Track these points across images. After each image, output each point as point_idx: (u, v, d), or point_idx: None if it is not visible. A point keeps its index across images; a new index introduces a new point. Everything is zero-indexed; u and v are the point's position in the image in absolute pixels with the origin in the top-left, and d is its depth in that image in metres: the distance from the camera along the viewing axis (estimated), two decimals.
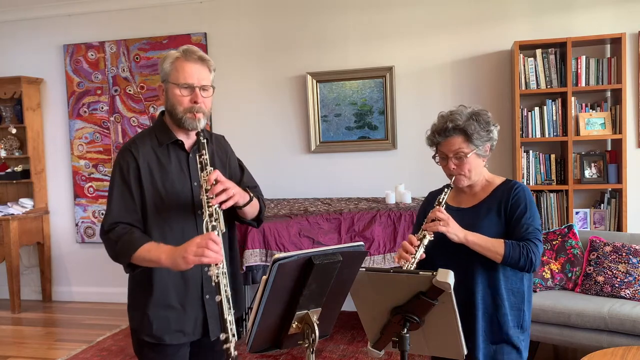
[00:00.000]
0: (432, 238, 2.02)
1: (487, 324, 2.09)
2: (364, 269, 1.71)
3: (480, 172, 2.14)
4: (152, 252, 1.88)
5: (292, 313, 1.55)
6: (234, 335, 1.78)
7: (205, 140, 1.96)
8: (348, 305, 1.79)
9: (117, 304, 5.60)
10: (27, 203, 5.78)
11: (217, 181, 1.86)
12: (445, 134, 2.08)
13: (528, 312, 2.15)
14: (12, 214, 5.56)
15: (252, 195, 2.06)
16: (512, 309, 2.09)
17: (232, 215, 2.09)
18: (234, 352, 1.76)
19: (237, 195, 1.93)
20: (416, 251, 2.00)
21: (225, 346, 1.77)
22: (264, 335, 1.57)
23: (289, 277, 1.50)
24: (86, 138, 5.77)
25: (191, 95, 1.97)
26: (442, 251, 2.09)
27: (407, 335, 1.73)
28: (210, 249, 1.77)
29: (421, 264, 2.14)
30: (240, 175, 2.21)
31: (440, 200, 2.09)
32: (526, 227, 2.04)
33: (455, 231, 2.00)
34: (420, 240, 2.02)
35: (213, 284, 1.80)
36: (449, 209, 2.11)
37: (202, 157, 1.92)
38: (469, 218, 2.09)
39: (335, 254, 1.53)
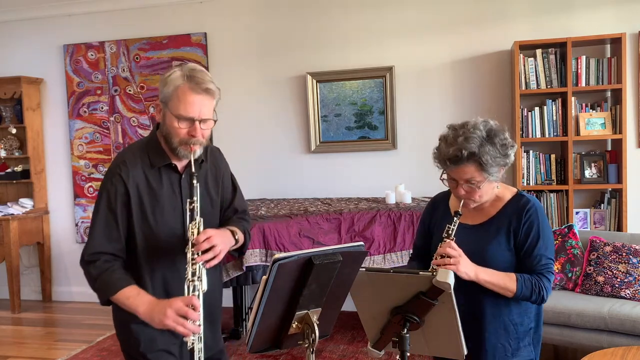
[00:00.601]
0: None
1: (501, 353, 2.00)
2: (364, 269, 1.71)
3: (491, 193, 2.00)
4: (130, 300, 1.82)
5: (292, 313, 1.55)
6: None
7: (197, 184, 1.84)
8: (348, 305, 1.79)
9: None
10: (27, 203, 5.78)
11: (205, 240, 1.80)
12: (458, 164, 1.88)
13: (539, 327, 2.07)
14: (12, 214, 5.56)
15: (237, 238, 1.98)
16: (523, 329, 2.01)
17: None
18: None
19: (223, 252, 1.86)
20: None
21: None
22: (264, 335, 1.57)
23: (289, 277, 1.50)
24: (86, 138, 5.77)
25: (189, 129, 1.84)
26: None
27: (407, 335, 1.73)
28: (188, 320, 1.73)
29: None
30: (232, 196, 2.14)
31: (450, 232, 1.91)
32: (538, 260, 1.93)
33: (467, 269, 1.87)
34: None
35: (188, 349, 1.77)
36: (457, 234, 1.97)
37: (193, 204, 1.82)
38: (477, 237, 1.99)
39: (335, 254, 1.53)
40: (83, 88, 5.74)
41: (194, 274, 1.78)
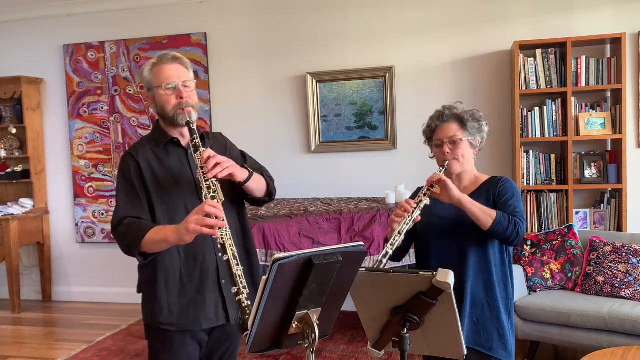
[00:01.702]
0: (429, 202, 2.14)
1: (479, 311, 2.18)
2: (364, 269, 1.71)
3: (471, 162, 2.29)
4: (160, 233, 1.94)
5: (292, 313, 1.55)
6: (244, 287, 1.81)
7: (196, 127, 2.05)
8: (348, 305, 1.79)
9: (117, 304, 5.60)
10: (27, 203, 5.78)
11: (209, 157, 1.94)
12: (443, 119, 2.26)
13: (512, 299, 2.27)
14: (12, 214, 5.56)
15: (251, 170, 2.12)
16: (501, 296, 2.21)
17: (242, 195, 2.16)
18: (246, 302, 1.78)
19: (232, 166, 1.99)
20: (413, 211, 2.11)
21: (237, 298, 1.80)
22: (264, 335, 1.57)
23: (289, 277, 1.50)
24: (86, 138, 5.77)
25: (175, 92, 2.06)
26: (437, 239, 2.23)
27: (407, 335, 1.73)
28: (208, 216, 1.82)
29: (417, 254, 2.34)
30: (242, 162, 2.25)
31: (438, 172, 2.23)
32: (513, 208, 2.18)
33: (456, 190, 2.12)
34: (417, 203, 2.14)
35: (219, 245, 1.85)
36: (440, 203, 2.18)
37: (195, 140, 2.00)
38: (460, 209, 2.16)
39: (335, 254, 1.52)
40: (83, 88, 5.74)
41: (209, 188, 1.92)
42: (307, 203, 4.75)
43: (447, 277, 1.63)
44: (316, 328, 1.55)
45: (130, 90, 5.62)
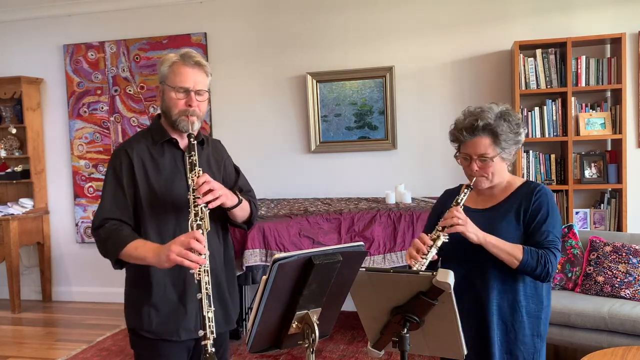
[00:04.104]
0: (447, 240, 1.94)
1: (503, 333, 2.03)
2: (364, 269, 1.70)
3: (502, 175, 2.06)
4: (139, 249, 1.91)
5: (292, 313, 1.55)
6: (212, 333, 1.80)
7: (195, 142, 2.00)
8: (348, 305, 1.79)
9: (117, 304, 5.59)
10: (27, 203, 5.77)
11: (204, 182, 1.90)
12: (474, 133, 1.97)
13: (546, 319, 2.07)
14: (12, 214, 5.56)
15: (240, 198, 2.09)
16: (529, 316, 2.03)
17: (224, 218, 2.13)
18: (210, 349, 1.77)
19: (223, 196, 1.96)
20: (428, 251, 1.92)
21: (202, 342, 1.79)
22: (264, 335, 1.57)
23: (289, 277, 1.50)
24: (86, 138, 5.77)
25: (186, 99, 2.01)
26: (456, 255, 2.05)
27: (407, 335, 1.73)
28: (192, 250, 1.80)
29: (432, 266, 2.06)
30: (235, 178, 2.23)
31: (459, 200, 2.00)
32: (546, 235, 1.96)
33: (475, 231, 1.92)
34: (434, 240, 1.94)
35: (195, 281, 1.83)
36: (466, 209, 2.00)
37: (192, 157, 1.96)
38: (487, 219, 2.02)
39: (335, 254, 1.52)
40: (83, 88, 5.74)
41: (196, 215, 1.89)
42: (307, 203, 4.75)
43: (447, 277, 1.63)
44: (316, 328, 1.55)
45: (130, 90, 5.62)
